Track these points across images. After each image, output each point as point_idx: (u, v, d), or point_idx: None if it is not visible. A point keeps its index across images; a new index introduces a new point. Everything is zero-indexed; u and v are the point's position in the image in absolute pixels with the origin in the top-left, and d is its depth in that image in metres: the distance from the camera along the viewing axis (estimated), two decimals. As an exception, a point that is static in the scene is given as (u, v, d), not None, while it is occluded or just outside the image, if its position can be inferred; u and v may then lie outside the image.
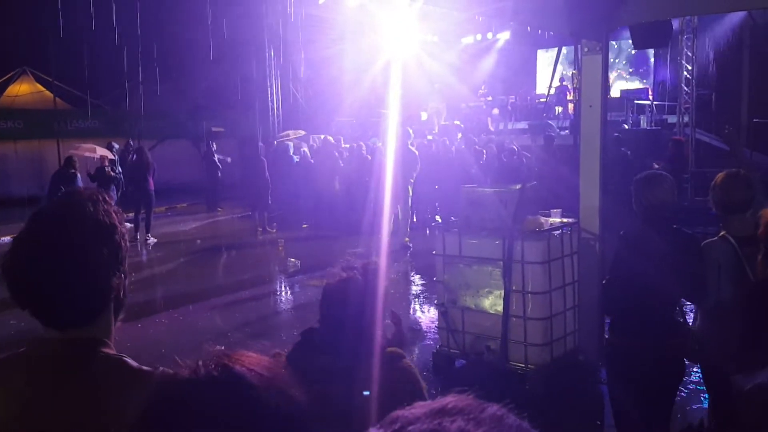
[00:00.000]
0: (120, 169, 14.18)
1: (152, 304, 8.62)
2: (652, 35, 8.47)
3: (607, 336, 3.40)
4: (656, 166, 10.85)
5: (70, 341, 1.28)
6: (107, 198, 1.37)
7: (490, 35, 22.34)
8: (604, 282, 3.43)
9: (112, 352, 1.34)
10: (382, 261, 2.10)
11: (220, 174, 17.71)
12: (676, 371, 3.32)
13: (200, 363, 0.84)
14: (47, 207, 1.36)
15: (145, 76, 22.70)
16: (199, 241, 12.78)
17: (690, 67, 16.17)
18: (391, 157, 10.85)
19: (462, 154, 13.63)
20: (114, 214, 1.34)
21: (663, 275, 3.11)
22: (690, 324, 3.42)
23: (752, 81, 18.74)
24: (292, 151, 14.44)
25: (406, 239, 11.09)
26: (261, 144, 13.86)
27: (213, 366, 0.84)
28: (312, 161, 14.06)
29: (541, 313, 5.06)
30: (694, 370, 4.54)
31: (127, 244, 1.38)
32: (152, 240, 12.51)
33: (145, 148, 13.53)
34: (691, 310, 3.74)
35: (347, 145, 14.25)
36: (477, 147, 13.82)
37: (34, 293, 1.26)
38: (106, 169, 12.73)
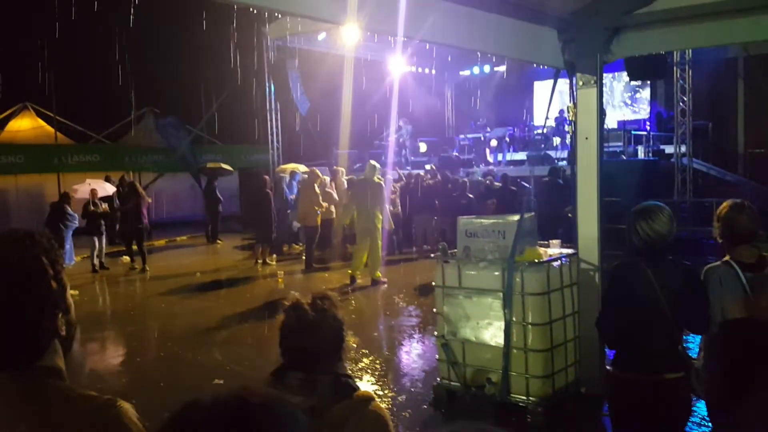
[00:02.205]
0: (117, 202, 14.36)
1: (151, 337, 8.59)
2: (647, 67, 8.59)
3: (609, 368, 3.37)
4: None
5: (15, 375, 1.30)
6: (37, 238, 1.35)
7: (487, 68, 22.62)
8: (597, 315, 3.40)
9: (60, 382, 1.34)
10: (335, 294, 2.11)
11: (220, 207, 17.79)
12: (681, 407, 3.26)
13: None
14: None
15: (145, 109, 22.98)
16: (198, 274, 12.77)
17: (686, 98, 16.35)
18: (360, 191, 10.95)
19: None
20: (44, 256, 1.33)
21: (663, 308, 3.10)
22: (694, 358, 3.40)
23: (747, 111, 18.94)
24: (286, 183, 14.55)
25: (378, 274, 10.94)
26: (266, 177, 13.94)
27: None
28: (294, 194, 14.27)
29: (541, 345, 5.04)
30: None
31: (64, 282, 1.38)
32: (146, 271, 12.71)
33: (137, 182, 13.69)
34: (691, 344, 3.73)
35: (346, 177, 14.39)
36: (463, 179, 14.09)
37: None
38: (90, 207, 12.87)
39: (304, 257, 12.99)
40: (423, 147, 21.25)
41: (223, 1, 3.31)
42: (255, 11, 11.23)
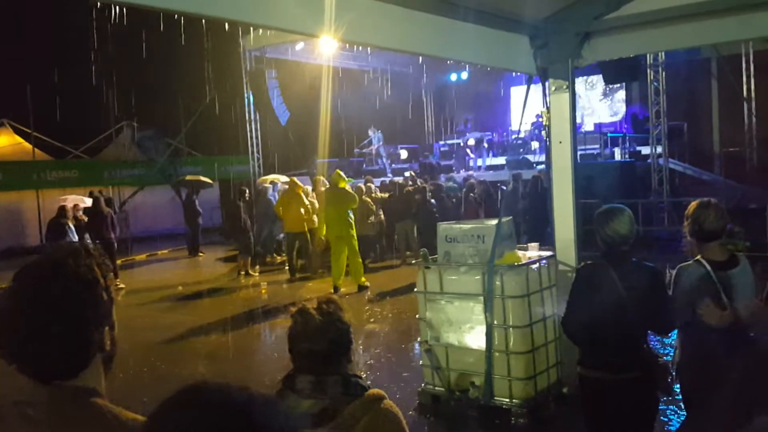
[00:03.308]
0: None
1: (133, 352, 8.51)
2: (621, 70, 8.72)
3: (578, 369, 3.43)
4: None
5: (59, 390, 1.31)
6: (91, 251, 1.39)
7: (465, 75, 22.80)
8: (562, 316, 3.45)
9: (102, 402, 1.36)
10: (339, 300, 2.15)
11: (201, 219, 17.71)
12: (648, 404, 3.33)
13: None
14: (30, 264, 1.38)
15: (124, 123, 22.83)
16: (180, 287, 12.69)
17: (660, 100, 16.60)
18: (328, 199, 11.01)
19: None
20: (97, 268, 1.37)
21: (627, 309, 3.16)
22: (662, 355, 3.47)
23: (721, 111, 19.27)
24: (270, 193, 14.53)
25: (362, 279, 11.01)
26: (242, 188, 13.89)
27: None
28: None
29: (523, 347, 5.10)
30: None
31: (112, 296, 1.41)
32: (121, 286, 12.53)
33: (102, 198, 13.55)
34: (661, 341, 3.79)
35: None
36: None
37: (17, 350, 1.30)
38: (62, 221, 12.63)
39: (287, 266, 13.01)
40: (404, 154, 21.35)
41: (199, 16, 3.34)
42: (228, 24, 11.23)
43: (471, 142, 19.78)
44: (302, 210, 12.36)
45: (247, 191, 13.79)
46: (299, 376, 2.00)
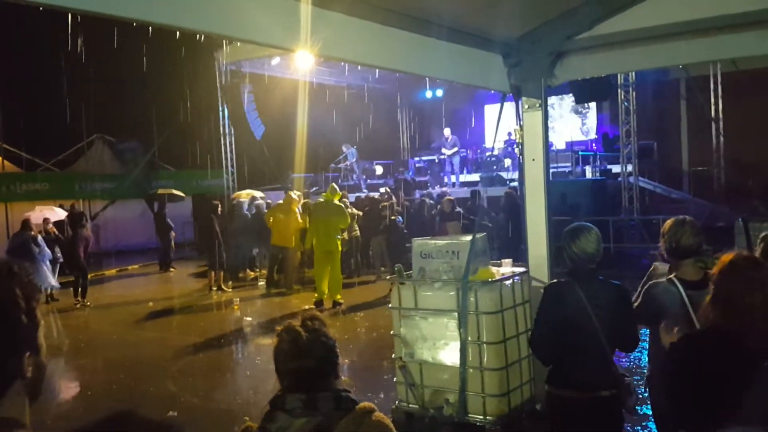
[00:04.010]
0: (69, 230, 13.93)
1: (103, 369, 8.34)
2: (592, 90, 8.86)
3: (546, 386, 3.42)
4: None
5: None
6: (15, 270, 1.29)
7: (440, 92, 23.01)
8: (529, 335, 3.46)
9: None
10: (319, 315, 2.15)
11: (173, 234, 17.50)
12: (614, 423, 3.33)
13: None
14: None
15: (95, 136, 22.54)
16: (151, 303, 12.48)
17: (630, 119, 16.92)
18: (321, 213, 10.99)
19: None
20: (19, 289, 1.27)
21: (595, 327, 3.18)
22: (626, 373, 3.48)
23: (690, 130, 19.72)
24: (245, 208, 14.42)
25: (338, 296, 10.94)
26: (215, 202, 13.76)
27: None
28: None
29: (497, 363, 5.10)
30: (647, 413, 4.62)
31: (36, 319, 1.30)
32: (87, 305, 12.30)
33: (80, 212, 13.31)
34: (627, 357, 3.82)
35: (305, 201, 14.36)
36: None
37: None
38: (25, 234, 12.23)
39: (265, 280, 12.93)
40: (379, 169, 21.40)
41: (175, 28, 3.31)
42: (207, 36, 11.19)
43: (446, 152, 19.84)
44: (293, 226, 12.30)
45: (220, 206, 13.67)
46: (289, 395, 2.00)
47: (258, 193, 15.76)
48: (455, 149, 19.25)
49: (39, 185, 19.81)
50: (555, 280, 3.53)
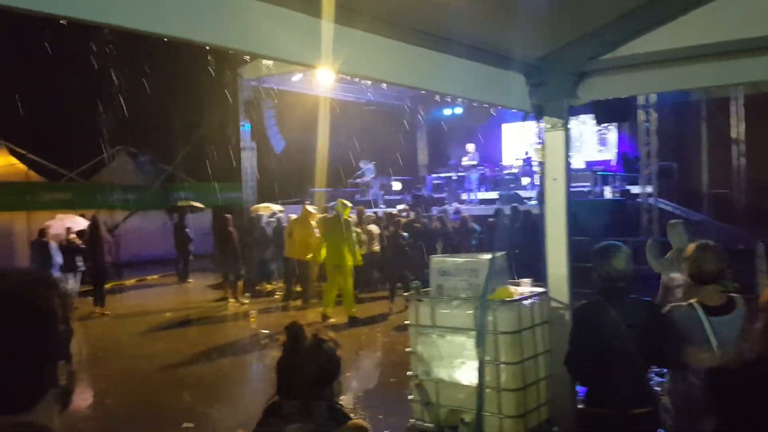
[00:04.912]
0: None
1: (120, 379, 8.39)
2: (613, 110, 8.85)
3: (580, 405, 3.42)
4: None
5: (6, 428, 1.23)
6: (52, 281, 1.32)
7: (459, 110, 23.06)
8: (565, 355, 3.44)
9: None
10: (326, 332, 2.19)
11: (191, 245, 17.63)
12: None
13: None
14: None
15: (119, 148, 22.87)
16: (168, 314, 12.57)
17: (651, 140, 16.82)
18: (331, 228, 11.03)
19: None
20: (57, 299, 1.30)
21: (628, 345, 3.17)
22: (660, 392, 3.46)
23: (711, 152, 19.54)
24: (264, 221, 14.52)
25: (353, 311, 10.97)
26: (228, 215, 13.86)
27: None
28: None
29: (514, 384, 5.06)
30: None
31: (71, 328, 1.34)
32: (106, 313, 12.43)
33: (99, 221, 13.46)
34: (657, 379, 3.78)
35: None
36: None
37: None
38: (66, 243, 12.55)
39: (283, 293, 12.97)
40: (397, 185, 21.45)
41: (200, 44, 3.38)
42: (231, 52, 11.36)
43: (466, 162, 19.81)
44: (311, 239, 12.37)
45: (233, 218, 13.75)
46: (285, 402, 2.03)
47: (276, 207, 15.85)
48: (474, 162, 19.32)
49: (62, 195, 20.11)
50: (586, 301, 3.51)
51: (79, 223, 15.56)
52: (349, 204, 11.52)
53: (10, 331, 1.23)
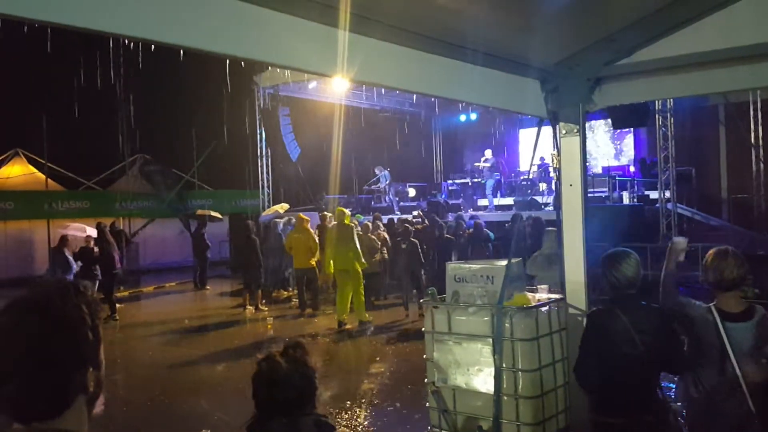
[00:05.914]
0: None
1: (137, 386, 8.46)
2: (630, 116, 8.78)
3: (589, 414, 3.38)
4: None
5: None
6: (81, 288, 1.35)
7: (474, 116, 23.04)
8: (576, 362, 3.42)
9: None
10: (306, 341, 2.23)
11: (209, 253, 17.75)
12: None
13: None
14: (15, 300, 1.33)
15: (137, 156, 23.11)
16: (186, 321, 12.65)
17: (668, 145, 16.68)
18: (332, 235, 11.07)
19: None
20: (86, 306, 1.32)
21: (640, 351, 3.13)
22: (671, 399, 3.43)
23: (729, 157, 19.33)
24: (280, 228, 14.59)
25: (365, 316, 11.01)
26: (250, 222, 13.94)
27: None
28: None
29: (532, 391, 5.02)
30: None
31: (100, 336, 1.36)
32: (116, 318, 12.54)
33: (106, 228, 13.58)
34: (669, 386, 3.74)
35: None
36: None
37: None
38: (85, 251, 12.68)
39: (297, 301, 13.01)
40: (412, 192, 21.46)
41: (217, 54, 3.41)
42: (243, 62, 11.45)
43: (480, 165, 19.78)
44: (311, 246, 12.42)
45: (256, 225, 13.86)
46: (271, 419, 2.06)
47: (285, 205, 15.96)
48: (490, 165, 19.31)
49: (80, 203, 20.36)
50: (597, 308, 3.49)
51: (89, 231, 15.70)
52: (348, 211, 11.61)
53: (42, 339, 1.26)
